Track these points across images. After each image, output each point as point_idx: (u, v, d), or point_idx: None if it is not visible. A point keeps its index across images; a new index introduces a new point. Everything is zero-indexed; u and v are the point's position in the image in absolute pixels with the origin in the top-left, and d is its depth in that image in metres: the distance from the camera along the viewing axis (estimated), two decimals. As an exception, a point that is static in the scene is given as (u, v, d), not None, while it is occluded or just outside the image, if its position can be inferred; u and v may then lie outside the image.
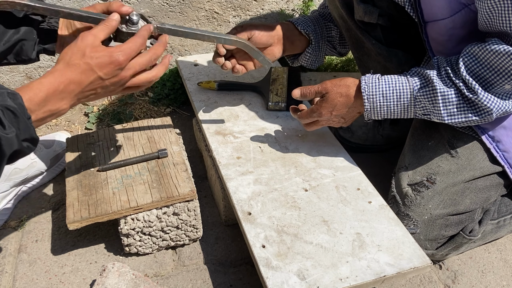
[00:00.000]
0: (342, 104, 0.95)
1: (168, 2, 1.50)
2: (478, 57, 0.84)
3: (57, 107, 0.73)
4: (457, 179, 0.96)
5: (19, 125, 0.67)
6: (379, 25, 1.07)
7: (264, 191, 0.98)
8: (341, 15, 1.12)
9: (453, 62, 0.88)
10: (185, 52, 1.63)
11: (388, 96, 0.91)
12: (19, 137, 0.67)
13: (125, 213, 0.95)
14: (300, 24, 1.15)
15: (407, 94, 0.89)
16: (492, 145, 0.97)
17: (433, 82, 0.86)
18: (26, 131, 0.68)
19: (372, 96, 0.91)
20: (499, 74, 0.82)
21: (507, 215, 1.04)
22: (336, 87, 0.95)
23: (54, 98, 0.73)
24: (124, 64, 0.76)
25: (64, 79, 0.73)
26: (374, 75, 0.93)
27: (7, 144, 0.66)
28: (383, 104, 0.92)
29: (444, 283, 1.01)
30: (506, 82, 0.83)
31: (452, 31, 0.90)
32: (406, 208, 0.97)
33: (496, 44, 0.81)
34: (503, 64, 0.81)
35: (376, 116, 0.94)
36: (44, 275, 1.02)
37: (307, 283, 0.79)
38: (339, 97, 0.95)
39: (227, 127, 1.18)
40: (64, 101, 0.74)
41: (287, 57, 1.24)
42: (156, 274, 1.02)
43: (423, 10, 0.91)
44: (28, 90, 0.70)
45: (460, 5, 0.86)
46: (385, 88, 0.91)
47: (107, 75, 0.75)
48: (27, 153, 0.71)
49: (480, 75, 0.85)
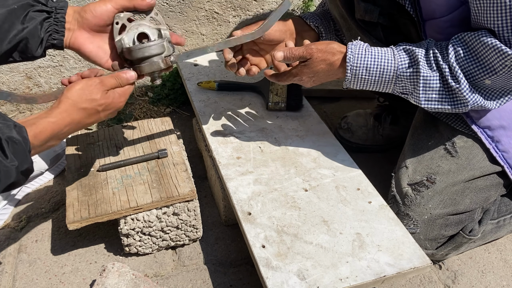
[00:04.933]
0: (324, 71, 0.93)
1: (168, 2, 1.50)
2: (467, 45, 0.84)
3: (55, 143, 0.78)
4: (457, 179, 0.96)
5: (20, 158, 0.69)
6: (379, 24, 1.07)
7: (264, 191, 0.98)
8: (342, 14, 1.12)
9: (443, 46, 0.87)
10: (185, 52, 1.63)
11: (371, 70, 0.89)
12: (18, 169, 0.69)
13: (125, 213, 0.95)
14: (309, 18, 1.14)
15: (391, 71, 0.88)
16: (492, 145, 0.97)
17: (419, 64, 0.86)
18: (25, 163, 0.70)
19: (356, 68, 0.90)
20: (482, 67, 0.82)
21: (507, 215, 1.04)
22: (321, 53, 0.92)
23: (56, 137, 0.77)
24: (122, 105, 0.87)
25: (70, 120, 0.78)
26: (362, 45, 0.91)
27: (6, 176, 0.67)
28: (365, 77, 0.90)
29: (444, 283, 1.01)
30: (487, 77, 0.82)
31: (450, 30, 0.90)
32: (406, 207, 0.97)
33: (485, 36, 0.80)
34: (488, 58, 0.81)
35: (355, 86, 0.92)
36: (44, 275, 1.02)
37: (307, 283, 0.79)
38: (323, 64, 0.92)
39: (227, 127, 1.18)
40: (63, 138, 0.79)
41: None
42: (156, 274, 1.02)
43: (422, 8, 0.91)
44: (35, 127, 0.73)
45: (458, 2, 0.86)
46: (370, 62, 0.89)
47: (105, 113, 0.84)
48: (20, 184, 0.72)
49: (463, 65, 0.84)
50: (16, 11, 0.81)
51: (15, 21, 0.82)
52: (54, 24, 0.86)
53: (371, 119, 1.35)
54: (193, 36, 1.60)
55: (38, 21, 0.84)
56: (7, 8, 0.81)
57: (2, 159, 0.66)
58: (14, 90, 1.51)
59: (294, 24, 1.11)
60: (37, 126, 0.73)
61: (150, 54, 0.88)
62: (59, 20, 0.86)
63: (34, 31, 0.84)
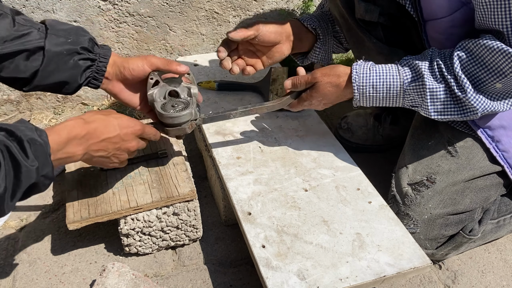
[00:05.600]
0: (332, 94, 0.96)
1: (168, 2, 1.50)
2: (472, 53, 0.84)
3: (74, 150, 0.78)
4: (457, 179, 0.96)
5: (41, 160, 0.70)
6: (379, 24, 1.06)
7: (264, 191, 0.98)
8: (342, 14, 1.12)
9: (447, 56, 0.88)
10: (185, 52, 1.63)
11: (378, 88, 0.91)
12: (39, 171, 0.70)
13: (125, 213, 0.95)
14: (306, 20, 1.14)
15: (397, 86, 0.90)
16: (492, 145, 0.97)
17: (423, 77, 0.86)
18: (46, 167, 0.71)
19: (362, 87, 0.92)
20: (491, 71, 0.82)
21: (507, 215, 1.04)
22: (326, 77, 0.95)
23: (76, 143, 0.78)
24: (139, 133, 0.89)
25: (87, 127, 0.80)
26: (366, 64, 0.92)
27: (27, 176, 0.68)
28: (372, 95, 0.92)
29: (444, 283, 1.01)
30: (497, 81, 0.82)
31: (451, 30, 0.90)
32: (406, 207, 0.97)
33: (490, 41, 0.80)
34: (495, 62, 0.81)
35: (364, 104, 0.94)
36: (44, 275, 1.02)
37: (307, 283, 0.79)
38: (329, 86, 0.95)
39: (227, 127, 1.18)
40: (80, 147, 0.79)
41: (296, 57, 1.23)
42: (156, 274, 1.02)
43: (423, 9, 0.91)
44: (52, 130, 0.75)
45: (459, 3, 0.86)
46: (376, 80, 0.91)
47: (115, 145, 0.85)
48: (42, 189, 0.73)
49: (472, 72, 0.84)
50: (64, 56, 0.86)
51: (60, 65, 0.87)
52: (95, 73, 0.92)
53: (371, 119, 1.35)
54: (193, 36, 1.60)
55: (81, 69, 0.90)
56: (56, 49, 0.85)
57: (23, 159, 0.67)
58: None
59: (292, 26, 1.11)
60: (55, 128, 0.76)
61: (180, 122, 0.95)
62: (100, 70, 0.92)
63: (75, 77, 0.90)
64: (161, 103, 0.96)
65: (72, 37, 0.88)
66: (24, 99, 1.52)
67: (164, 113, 0.94)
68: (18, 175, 0.67)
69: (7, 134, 0.68)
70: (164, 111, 0.95)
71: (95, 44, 0.91)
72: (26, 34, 0.84)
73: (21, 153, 0.68)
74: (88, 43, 0.89)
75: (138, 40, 1.55)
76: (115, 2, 1.45)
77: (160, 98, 0.97)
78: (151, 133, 0.93)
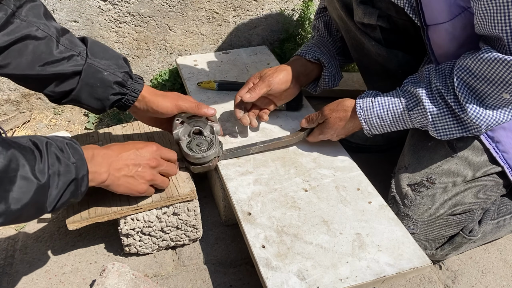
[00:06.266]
0: (343, 127, 1.02)
1: (168, 2, 1.50)
2: (471, 70, 0.84)
3: (97, 169, 0.83)
4: (457, 179, 0.96)
5: (78, 160, 0.78)
6: (378, 26, 1.06)
7: (264, 191, 0.98)
8: (340, 17, 1.12)
9: (447, 74, 0.89)
10: (185, 52, 1.63)
11: (383, 117, 0.96)
12: (77, 170, 0.77)
13: (125, 213, 0.95)
14: (307, 53, 1.15)
15: (401, 113, 0.94)
16: (492, 146, 0.97)
17: (423, 102, 0.90)
18: (82, 169, 0.78)
19: (369, 119, 0.97)
20: (494, 83, 0.81)
21: (507, 215, 1.04)
22: (335, 113, 1.02)
23: (96, 160, 0.84)
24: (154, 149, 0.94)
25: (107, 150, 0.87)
26: (368, 97, 0.97)
27: (67, 170, 0.75)
28: (380, 124, 0.97)
29: (444, 283, 1.01)
30: (504, 91, 0.81)
31: (452, 35, 0.90)
32: (405, 208, 0.97)
33: (488, 53, 0.80)
34: (497, 73, 0.80)
35: (377, 132, 0.99)
36: (44, 275, 1.02)
37: (307, 283, 0.79)
38: (339, 121, 1.02)
39: (227, 127, 1.18)
40: (102, 167, 0.85)
41: (307, 88, 1.24)
42: (156, 274, 1.02)
43: (424, 14, 0.91)
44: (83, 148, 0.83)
45: (460, 8, 0.86)
46: (380, 111, 0.96)
47: (142, 152, 0.91)
48: (80, 191, 0.79)
49: (475, 88, 0.85)
50: (97, 87, 0.91)
51: (92, 93, 0.92)
52: (122, 103, 0.97)
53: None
54: (193, 36, 1.60)
55: (110, 102, 0.95)
56: (91, 80, 0.90)
57: (62, 156, 0.75)
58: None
59: (297, 66, 1.14)
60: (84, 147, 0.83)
61: (205, 161, 1.01)
62: (128, 103, 0.97)
63: (103, 106, 0.95)
64: (186, 141, 1.02)
65: (110, 69, 0.91)
66: (24, 99, 1.52)
67: (191, 154, 0.99)
68: (59, 168, 0.73)
69: (47, 139, 0.76)
70: (190, 150, 1.00)
71: (129, 77, 0.95)
72: (67, 58, 0.87)
73: (60, 152, 0.75)
74: (123, 77, 0.93)
75: (138, 40, 1.55)
76: (115, 2, 1.45)
77: (185, 136, 1.04)
78: (168, 153, 0.97)
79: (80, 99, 0.92)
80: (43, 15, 0.87)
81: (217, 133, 1.04)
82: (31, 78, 0.86)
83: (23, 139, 0.73)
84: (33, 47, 0.84)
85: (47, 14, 0.89)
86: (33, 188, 0.69)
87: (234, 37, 1.66)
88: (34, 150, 0.72)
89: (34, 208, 0.71)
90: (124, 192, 0.90)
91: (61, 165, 0.74)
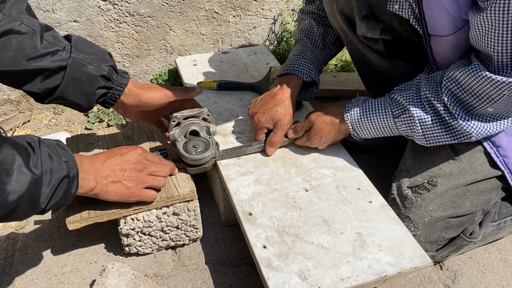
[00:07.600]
0: (329, 131, 1.03)
1: (168, 2, 1.50)
2: (460, 82, 0.85)
3: (84, 175, 0.83)
4: (458, 182, 0.96)
5: (70, 160, 0.78)
6: (381, 39, 1.06)
7: (265, 191, 0.98)
8: (342, 29, 1.12)
9: (438, 82, 0.90)
10: (185, 52, 1.63)
11: (370, 123, 0.97)
12: (69, 168, 0.77)
13: (125, 213, 0.95)
14: (305, 74, 1.12)
15: (388, 119, 0.95)
16: (493, 150, 0.96)
17: (409, 109, 0.91)
18: (73, 169, 0.78)
19: (355, 123, 0.99)
20: (480, 98, 0.84)
21: (508, 217, 1.04)
22: (321, 117, 1.02)
23: (84, 167, 0.83)
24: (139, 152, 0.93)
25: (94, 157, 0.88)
26: (357, 102, 0.99)
27: (59, 168, 0.75)
28: (367, 130, 0.98)
29: (444, 283, 1.01)
30: (488, 106, 0.84)
31: (456, 46, 0.90)
32: (406, 210, 0.97)
33: (476, 70, 0.82)
34: (484, 89, 0.82)
35: (364, 137, 1.00)
36: (44, 275, 1.01)
37: (308, 283, 0.79)
38: (325, 125, 1.02)
39: (227, 127, 1.17)
40: (89, 174, 0.84)
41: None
42: (156, 274, 1.02)
43: (427, 23, 0.91)
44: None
45: (463, 21, 0.86)
46: (366, 115, 0.97)
47: (126, 156, 0.91)
48: (71, 192, 0.79)
49: (462, 99, 0.86)
50: (83, 81, 0.90)
51: (77, 89, 0.90)
52: (108, 98, 0.95)
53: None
54: (193, 36, 1.60)
55: (97, 96, 0.93)
56: (76, 74, 0.88)
57: (53, 154, 0.75)
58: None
59: (294, 91, 1.11)
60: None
61: (202, 163, 1.01)
62: (114, 97, 0.95)
63: (90, 102, 0.93)
64: (182, 142, 1.02)
65: (95, 63, 0.90)
66: (24, 99, 1.52)
67: (188, 155, 0.99)
68: (51, 166, 0.74)
69: (38, 138, 0.76)
70: (186, 151, 0.99)
71: (114, 71, 0.94)
72: (51, 53, 0.86)
73: (52, 151, 0.75)
74: (108, 71, 0.92)
75: (138, 40, 1.55)
76: (115, 2, 1.45)
77: (181, 137, 1.03)
78: (153, 157, 0.96)
79: (66, 95, 0.89)
80: (26, 10, 0.85)
81: (213, 134, 1.04)
82: (15, 74, 0.84)
83: (17, 138, 0.74)
84: (17, 42, 0.82)
85: (30, 10, 0.87)
86: (28, 180, 0.69)
87: (234, 37, 1.66)
88: (28, 147, 0.73)
89: (29, 202, 0.71)
90: (115, 199, 0.90)
91: (53, 162, 0.74)
